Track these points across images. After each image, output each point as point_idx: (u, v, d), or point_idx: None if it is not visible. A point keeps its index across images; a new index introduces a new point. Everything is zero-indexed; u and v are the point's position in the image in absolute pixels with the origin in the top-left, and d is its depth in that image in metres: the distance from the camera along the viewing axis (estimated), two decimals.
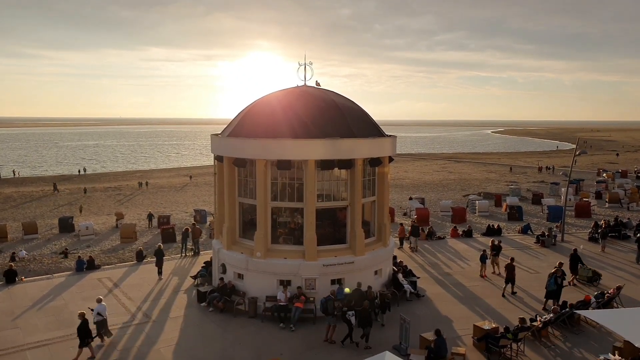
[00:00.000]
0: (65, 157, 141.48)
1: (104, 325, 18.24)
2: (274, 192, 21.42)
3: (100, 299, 18.80)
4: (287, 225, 22.07)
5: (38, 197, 67.33)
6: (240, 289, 21.49)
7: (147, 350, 17.64)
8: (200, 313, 20.95)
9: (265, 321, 19.91)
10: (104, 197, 66.14)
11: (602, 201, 51.21)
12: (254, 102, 23.62)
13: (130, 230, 38.15)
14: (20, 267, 28.75)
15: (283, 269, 20.74)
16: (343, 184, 21.90)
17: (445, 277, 25.76)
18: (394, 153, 23.33)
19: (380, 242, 22.86)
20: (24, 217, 49.94)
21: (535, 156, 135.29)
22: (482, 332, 17.82)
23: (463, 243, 32.93)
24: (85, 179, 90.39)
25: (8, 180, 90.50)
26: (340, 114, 21.88)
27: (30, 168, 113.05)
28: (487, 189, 67.08)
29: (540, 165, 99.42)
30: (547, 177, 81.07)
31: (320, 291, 20.54)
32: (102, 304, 18.41)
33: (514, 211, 43.51)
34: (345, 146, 20.70)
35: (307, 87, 23.68)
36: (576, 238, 34.25)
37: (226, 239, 22.26)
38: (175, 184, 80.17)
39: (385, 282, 22.74)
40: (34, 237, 38.91)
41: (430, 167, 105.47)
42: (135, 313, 20.97)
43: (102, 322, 18.16)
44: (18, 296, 23.00)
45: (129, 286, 24.35)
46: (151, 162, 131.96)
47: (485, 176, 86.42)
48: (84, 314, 17.29)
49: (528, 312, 20.62)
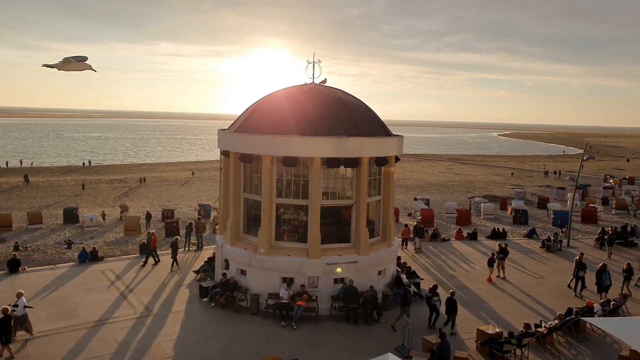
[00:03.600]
0: (64, 149, 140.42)
1: (26, 319, 17.75)
2: (279, 188, 21.28)
3: (20, 293, 18.16)
4: (291, 222, 21.95)
5: (44, 187, 67.50)
6: (243, 285, 21.39)
7: (148, 344, 17.56)
8: (202, 308, 20.86)
9: (267, 318, 19.80)
10: (109, 189, 66.20)
11: (608, 207, 50.78)
12: (262, 99, 23.49)
13: (134, 223, 38.16)
14: (23, 256, 28.76)
15: (286, 266, 20.61)
16: (348, 182, 21.75)
17: (449, 279, 25.56)
18: (401, 153, 23.15)
19: (385, 242, 22.69)
20: (29, 207, 50.04)
21: (541, 160, 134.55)
22: (486, 336, 17.64)
23: (468, 246, 32.70)
24: (90, 171, 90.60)
25: (15, 169, 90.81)
26: (348, 112, 21.71)
27: (34, 159, 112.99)
28: (492, 191, 66.74)
29: (546, 169, 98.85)
30: (553, 182, 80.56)
31: (323, 290, 20.42)
32: (22, 299, 17.86)
33: (519, 215, 43.19)
34: (352, 144, 20.54)
35: (315, 85, 23.53)
36: (582, 244, 33.94)
37: (230, 234, 22.16)
38: (180, 178, 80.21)
39: (389, 282, 22.57)
40: (38, 227, 38.96)
41: (435, 168, 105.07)
42: (136, 306, 20.90)
43: (24, 317, 17.66)
44: (21, 286, 22.91)
45: (132, 279, 24.30)
46: (155, 156, 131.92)
47: (491, 179, 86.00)
48: (7, 310, 16.66)
49: (533, 317, 20.37)
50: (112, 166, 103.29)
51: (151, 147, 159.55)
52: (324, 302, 20.38)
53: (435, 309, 19.37)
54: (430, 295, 19.64)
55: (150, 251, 27.08)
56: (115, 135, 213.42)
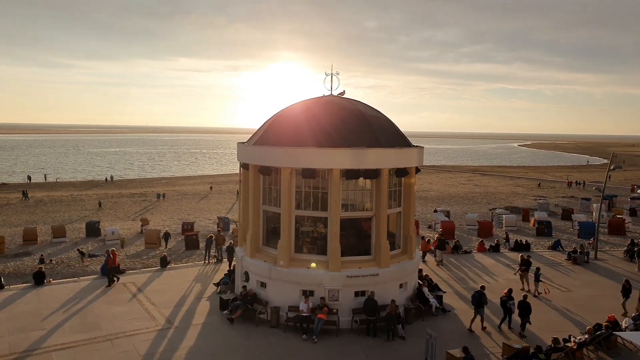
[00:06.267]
0: (81, 164, 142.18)
1: None
2: (298, 200, 21.25)
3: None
4: (310, 234, 21.85)
5: (67, 201, 68.72)
6: (263, 297, 21.30)
7: (169, 356, 17.55)
8: (222, 321, 20.80)
9: (288, 331, 19.65)
10: (130, 203, 67.09)
11: (636, 218, 49.54)
12: (281, 111, 23.59)
13: (155, 236, 38.51)
14: (48, 269, 29.17)
15: (306, 278, 20.48)
16: (368, 194, 21.61)
17: (471, 292, 25.00)
18: (421, 164, 22.94)
19: (406, 255, 22.41)
20: (53, 221, 50.94)
21: (564, 170, 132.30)
22: (512, 350, 17.21)
23: (490, 258, 32.12)
24: (111, 186, 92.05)
25: (40, 185, 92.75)
26: (367, 124, 21.65)
27: (53, 173, 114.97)
28: (514, 202, 65.71)
29: (569, 180, 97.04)
30: (577, 192, 79.01)
31: (343, 303, 20.22)
32: None
33: (542, 226, 42.38)
34: (372, 156, 20.43)
35: (334, 97, 23.55)
36: (610, 256, 33.07)
37: (250, 246, 22.16)
38: (199, 191, 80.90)
39: (410, 295, 22.24)
40: (62, 241, 39.64)
41: (455, 180, 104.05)
42: (158, 319, 20.96)
43: None
44: (46, 298, 23.30)
45: (153, 291, 24.42)
46: (172, 170, 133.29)
47: (512, 190, 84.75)
48: None
49: (560, 332, 19.79)
50: (133, 180, 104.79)
51: (167, 162, 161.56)
52: (344, 316, 20.15)
53: (509, 312, 20.29)
54: (506, 299, 20.46)
55: (110, 270, 25.62)
56: (133, 150, 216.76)
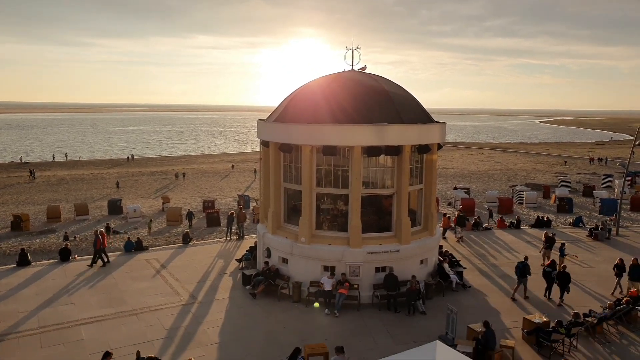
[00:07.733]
0: (98, 143, 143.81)
1: None
2: (319, 178, 21.29)
3: None
4: (331, 211, 21.95)
5: (89, 179, 69.94)
6: (285, 273, 21.59)
7: (194, 330, 18.00)
8: (245, 296, 21.19)
9: (309, 306, 19.96)
10: (150, 182, 68.01)
11: None
12: (301, 88, 23.45)
13: (176, 214, 39.08)
14: (72, 246, 29.90)
15: (327, 254, 20.66)
16: (389, 171, 21.54)
17: (492, 268, 25.08)
18: (443, 140, 22.71)
19: (427, 231, 22.41)
20: (75, 199, 51.98)
21: (586, 147, 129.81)
22: (532, 325, 17.23)
23: (511, 235, 31.94)
24: (132, 164, 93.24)
25: (61, 163, 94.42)
26: (388, 100, 21.43)
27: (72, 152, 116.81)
28: (534, 179, 64.92)
29: (591, 156, 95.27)
30: (599, 169, 77.64)
31: (364, 278, 20.39)
32: None
33: (563, 203, 41.89)
34: (393, 132, 20.27)
35: (354, 73, 23.29)
36: (632, 232, 32.62)
37: (271, 223, 22.36)
38: (219, 170, 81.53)
39: (431, 271, 22.32)
40: (85, 218, 40.51)
41: (475, 157, 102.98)
42: (182, 294, 21.44)
43: None
44: (72, 274, 23.94)
45: (176, 268, 24.91)
46: (191, 149, 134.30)
47: (533, 167, 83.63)
48: None
49: (581, 307, 19.74)
50: (152, 159, 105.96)
51: (185, 140, 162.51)
52: (365, 291, 20.36)
53: (552, 281, 20.73)
54: (550, 270, 20.95)
55: (98, 251, 25.22)
56: (151, 129, 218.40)
